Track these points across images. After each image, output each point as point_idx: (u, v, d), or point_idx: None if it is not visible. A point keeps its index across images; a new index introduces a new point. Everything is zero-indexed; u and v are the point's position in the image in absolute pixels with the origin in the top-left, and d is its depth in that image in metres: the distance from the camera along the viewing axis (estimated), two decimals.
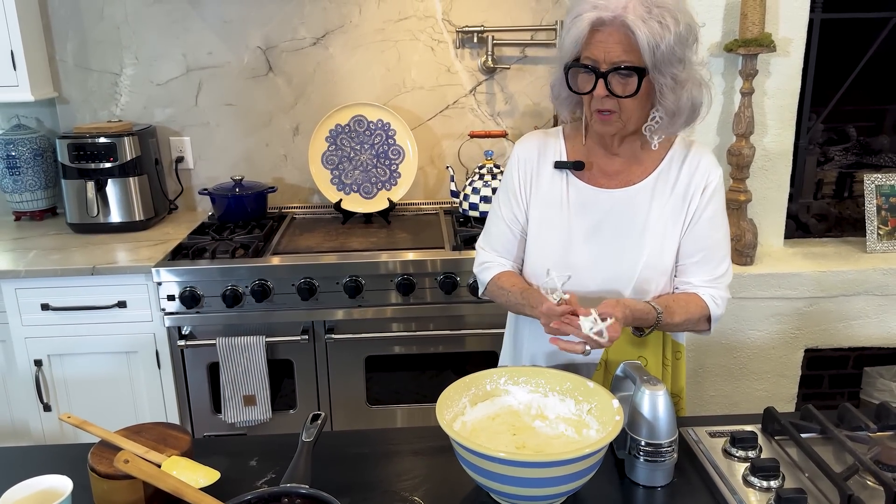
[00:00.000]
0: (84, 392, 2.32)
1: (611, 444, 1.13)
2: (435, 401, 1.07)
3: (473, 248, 2.28)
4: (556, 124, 2.60)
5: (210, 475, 1.10)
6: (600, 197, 1.39)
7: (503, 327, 2.26)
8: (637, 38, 1.20)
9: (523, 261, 1.50)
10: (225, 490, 1.08)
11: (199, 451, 1.20)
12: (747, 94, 2.30)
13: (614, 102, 1.27)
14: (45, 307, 2.23)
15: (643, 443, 1.13)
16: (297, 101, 2.75)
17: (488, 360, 2.34)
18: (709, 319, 1.39)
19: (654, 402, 1.12)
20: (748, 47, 2.23)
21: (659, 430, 1.12)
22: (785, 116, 2.42)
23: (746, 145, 2.34)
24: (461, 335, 2.31)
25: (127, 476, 1.06)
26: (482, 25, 2.67)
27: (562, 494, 1.07)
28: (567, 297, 1.23)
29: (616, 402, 1.12)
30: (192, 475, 1.08)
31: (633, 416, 1.14)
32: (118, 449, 1.14)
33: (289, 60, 2.71)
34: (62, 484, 1.04)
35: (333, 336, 2.27)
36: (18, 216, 2.76)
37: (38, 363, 2.28)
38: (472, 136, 2.63)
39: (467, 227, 2.49)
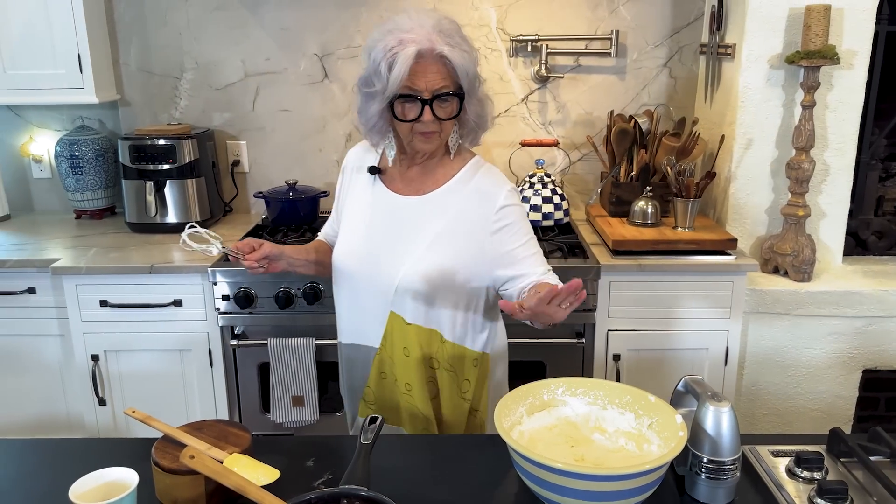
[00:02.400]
0: (138, 388, 2.37)
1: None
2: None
3: None
4: (608, 134, 2.58)
5: (270, 474, 1.11)
6: (394, 201, 1.53)
7: (550, 337, 2.27)
8: (455, 65, 1.36)
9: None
10: (283, 489, 1.08)
11: (255, 450, 1.22)
12: (808, 107, 2.25)
13: (437, 125, 1.41)
14: (103, 303, 2.29)
15: (705, 459, 1.11)
16: (351, 107, 2.78)
17: (533, 370, 2.33)
18: None
19: (719, 419, 1.10)
20: (811, 59, 2.19)
21: (722, 447, 1.09)
22: (847, 130, 2.36)
23: (806, 159, 2.29)
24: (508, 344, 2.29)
25: (190, 471, 1.08)
26: (536, 34, 2.67)
27: None
28: (221, 247, 1.48)
29: (679, 418, 1.10)
30: (253, 473, 1.10)
31: (695, 432, 1.12)
32: (180, 444, 1.16)
33: (344, 67, 2.74)
34: (128, 476, 1.06)
35: None
36: (79, 214, 2.85)
37: (94, 358, 2.34)
38: (524, 144, 2.63)
39: None
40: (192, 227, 1.48)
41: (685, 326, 2.29)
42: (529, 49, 2.69)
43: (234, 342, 2.29)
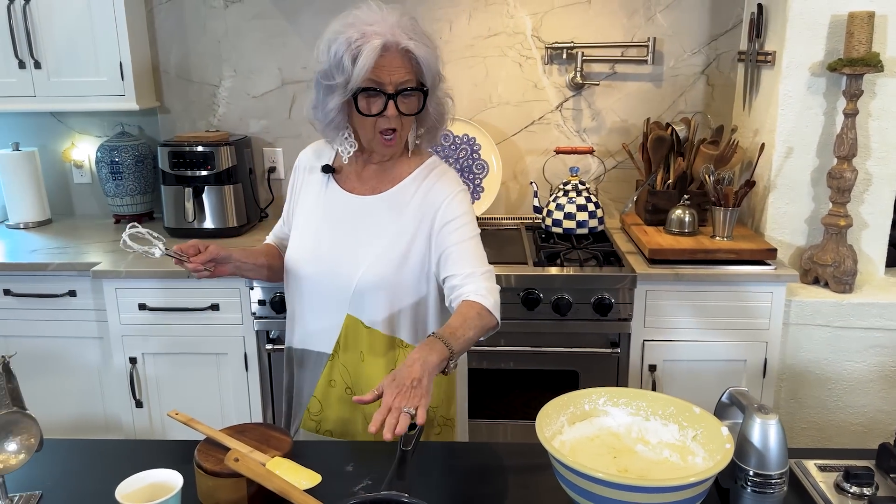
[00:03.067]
0: (174, 391, 2.40)
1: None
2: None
3: (556, 265, 2.28)
4: (644, 142, 2.56)
5: (312, 478, 1.11)
6: (350, 201, 1.50)
7: (584, 346, 2.25)
8: (419, 59, 1.35)
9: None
10: (322, 493, 1.09)
11: (294, 454, 1.22)
12: (851, 115, 2.21)
13: (399, 121, 1.39)
14: (142, 307, 2.33)
15: (751, 473, 1.09)
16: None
17: (567, 379, 2.31)
18: (489, 312, 1.40)
19: (766, 431, 1.07)
20: (854, 67, 2.15)
21: (769, 460, 1.07)
22: (890, 139, 2.32)
23: (848, 168, 2.24)
24: (540, 352, 2.28)
25: (232, 474, 1.09)
26: (572, 41, 2.66)
27: None
28: (164, 249, 1.40)
29: (725, 430, 1.08)
30: (295, 477, 1.10)
31: (741, 445, 1.10)
32: (223, 447, 1.17)
33: None
34: (173, 478, 1.07)
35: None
36: (118, 219, 2.90)
37: (132, 361, 2.38)
38: (559, 152, 2.61)
39: (550, 244, 2.47)
40: (133, 226, 1.40)
41: (723, 337, 2.26)
42: (564, 56, 2.69)
43: (269, 346, 2.31)
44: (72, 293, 2.41)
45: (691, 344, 2.27)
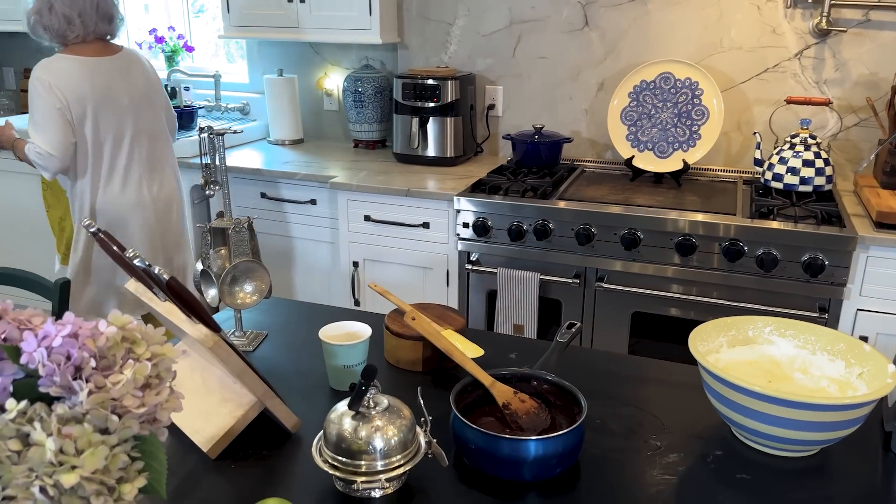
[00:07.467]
0: None
1: (880, 417, 1.04)
2: None
3: (769, 219, 2.17)
4: (892, 97, 2.31)
5: (475, 350, 1.25)
6: None
7: (789, 307, 2.15)
8: None
9: None
10: (481, 366, 1.21)
11: (467, 335, 1.37)
12: None
13: None
14: (367, 218, 2.64)
15: None
16: (607, 56, 2.81)
17: None
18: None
19: None
20: None
21: None
22: None
23: None
24: (736, 307, 2.20)
25: (412, 337, 1.27)
26: None
27: (815, 443, 1.02)
28: None
29: (892, 367, 1.03)
30: (461, 346, 1.25)
31: None
32: None
33: (605, 16, 2.77)
34: (363, 329, 1.27)
35: (603, 285, 2.33)
36: (356, 143, 3.26)
37: (355, 264, 2.71)
38: (790, 101, 2.45)
39: (767, 199, 2.35)
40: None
41: None
42: (811, 0, 2.48)
43: (469, 266, 2.49)
44: (312, 201, 2.79)
45: None
